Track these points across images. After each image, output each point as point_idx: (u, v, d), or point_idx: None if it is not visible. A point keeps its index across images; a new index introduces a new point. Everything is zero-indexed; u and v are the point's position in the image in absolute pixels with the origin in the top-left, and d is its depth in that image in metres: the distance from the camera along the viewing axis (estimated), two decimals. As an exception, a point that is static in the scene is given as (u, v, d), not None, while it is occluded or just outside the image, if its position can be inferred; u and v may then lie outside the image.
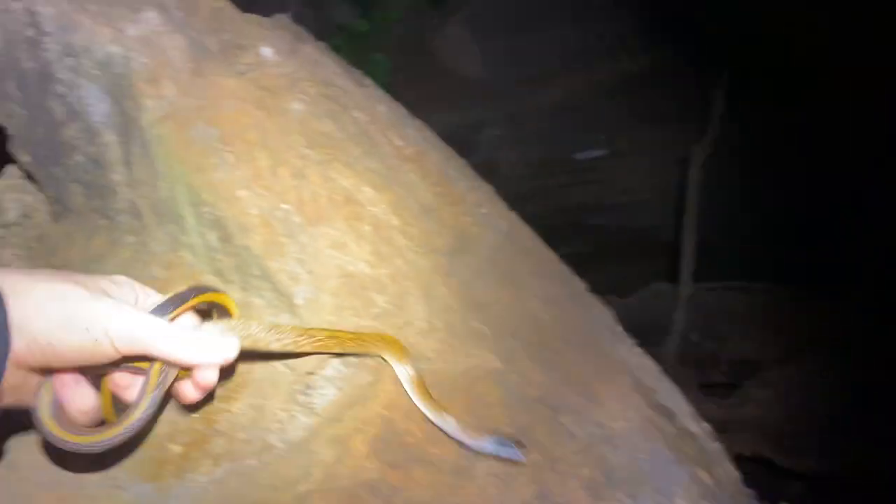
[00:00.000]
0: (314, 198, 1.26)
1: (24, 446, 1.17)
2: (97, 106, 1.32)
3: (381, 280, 1.24)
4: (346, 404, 1.12)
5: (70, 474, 1.13)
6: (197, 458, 1.10)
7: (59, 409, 0.94)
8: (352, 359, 1.16)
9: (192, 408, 1.09)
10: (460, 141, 2.05)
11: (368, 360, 1.16)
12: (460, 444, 1.10)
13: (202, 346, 0.94)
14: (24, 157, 1.47)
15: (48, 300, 0.86)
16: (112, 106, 1.32)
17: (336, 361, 1.15)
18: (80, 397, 0.95)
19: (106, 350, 0.88)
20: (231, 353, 0.96)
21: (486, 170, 2.04)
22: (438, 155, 1.90)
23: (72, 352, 0.87)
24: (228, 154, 1.21)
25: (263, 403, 1.12)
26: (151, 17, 1.32)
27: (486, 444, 1.10)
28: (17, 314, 0.83)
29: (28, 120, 1.40)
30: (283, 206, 1.22)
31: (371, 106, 1.70)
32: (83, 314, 0.87)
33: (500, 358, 1.33)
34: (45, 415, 0.92)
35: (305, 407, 1.12)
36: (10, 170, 1.61)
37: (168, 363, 0.94)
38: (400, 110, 1.93)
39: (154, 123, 1.24)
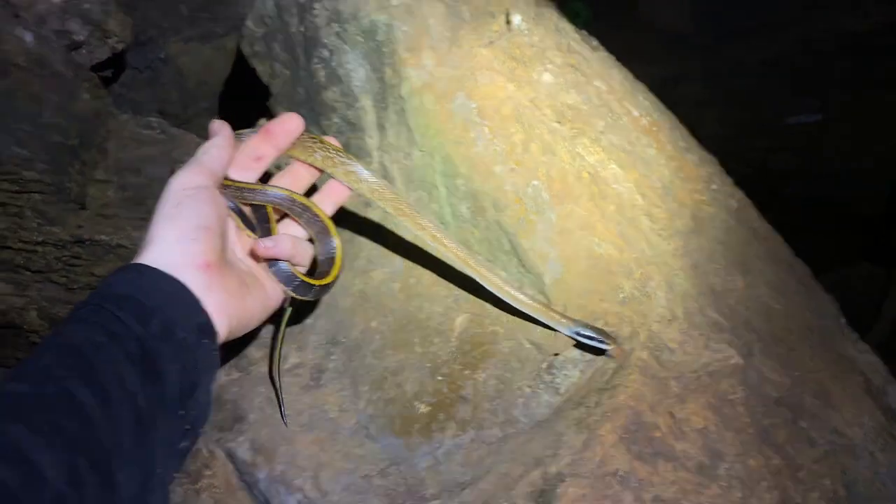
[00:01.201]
0: (562, 175, 1.25)
1: (286, 386, 1.28)
2: (357, 71, 1.37)
3: (627, 264, 1.22)
4: (590, 388, 1.12)
5: (325, 419, 1.23)
6: (443, 420, 1.15)
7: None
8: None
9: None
10: (657, 96, 1.96)
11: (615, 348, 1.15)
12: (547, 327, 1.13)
13: None
14: (282, 115, 1.57)
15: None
16: (370, 72, 1.37)
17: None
18: (305, 248, 1.07)
19: None
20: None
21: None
22: (668, 123, 1.82)
23: None
24: (485, 128, 1.22)
25: (509, 377, 1.15)
26: (412, -17, 1.35)
27: (571, 329, 1.11)
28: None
29: (291, 81, 1.49)
30: (534, 182, 1.22)
31: (608, 73, 1.64)
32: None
33: (739, 352, 1.28)
34: (295, 270, 1.05)
35: (550, 386, 1.14)
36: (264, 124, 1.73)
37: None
38: (628, 74, 1.86)
39: (414, 93, 1.27)
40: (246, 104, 2.04)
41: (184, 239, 0.84)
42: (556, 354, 1.15)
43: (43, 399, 0.62)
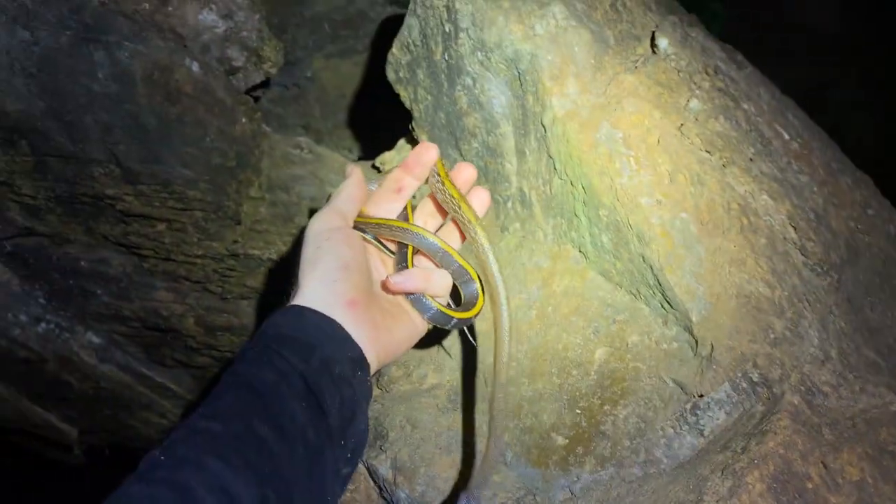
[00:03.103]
0: (711, 206, 1.22)
1: (424, 407, 1.33)
2: (499, 98, 1.39)
3: (778, 302, 1.17)
4: (736, 432, 1.09)
5: (461, 441, 1.26)
6: (581, 454, 1.15)
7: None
8: (743, 384, 1.11)
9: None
10: (803, 102, 1.85)
11: (761, 390, 1.11)
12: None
13: None
14: (422, 138, 1.61)
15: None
16: (511, 99, 1.38)
17: (727, 385, 1.12)
18: (439, 280, 1.05)
19: None
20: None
21: (832, 137, 1.82)
22: (818, 143, 1.72)
23: None
24: (631, 159, 1.21)
25: (650, 415, 1.13)
26: (557, 11, 1.34)
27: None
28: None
29: (433, 105, 1.53)
30: (682, 215, 1.19)
31: (755, 93, 1.58)
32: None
33: (899, 397, 1.20)
34: (434, 302, 1.04)
35: (693, 427, 1.11)
36: (404, 146, 1.78)
37: None
38: (776, 91, 1.78)
39: (557, 121, 1.28)
40: (383, 116, 2.10)
41: (327, 280, 0.90)
42: (701, 396, 1.12)
43: (233, 437, 0.70)
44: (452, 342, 1.39)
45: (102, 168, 1.57)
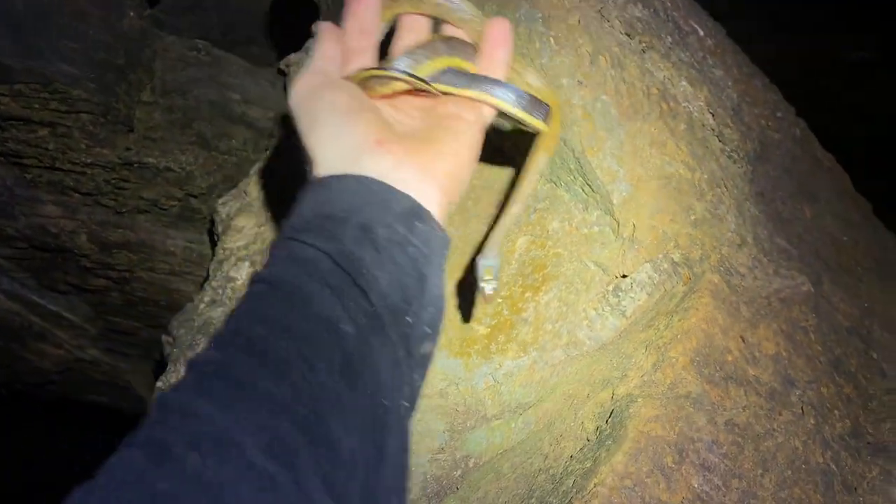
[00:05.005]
0: (631, 90, 1.19)
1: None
2: (412, -17, 1.31)
3: (698, 185, 1.16)
4: (658, 311, 1.09)
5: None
6: (503, 342, 1.12)
7: None
8: (665, 265, 1.11)
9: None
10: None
11: (683, 270, 1.10)
12: None
13: None
14: (332, 33, 1.52)
15: None
16: (426, -17, 1.30)
17: (649, 266, 1.11)
18: None
19: None
20: None
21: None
22: (731, 47, 1.73)
23: None
24: (551, 38, 1.16)
25: (572, 299, 1.11)
26: None
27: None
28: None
29: (342, -5, 1.43)
30: (603, 97, 1.15)
31: (671, -10, 1.56)
32: None
33: (809, 280, 1.23)
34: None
35: (615, 308, 1.10)
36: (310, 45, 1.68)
37: None
38: (689, -4, 1.77)
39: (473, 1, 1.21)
40: (290, 31, 1.99)
41: (337, 135, 0.71)
42: (624, 276, 1.10)
43: (232, 368, 0.53)
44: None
45: (-31, 64, 1.40)
